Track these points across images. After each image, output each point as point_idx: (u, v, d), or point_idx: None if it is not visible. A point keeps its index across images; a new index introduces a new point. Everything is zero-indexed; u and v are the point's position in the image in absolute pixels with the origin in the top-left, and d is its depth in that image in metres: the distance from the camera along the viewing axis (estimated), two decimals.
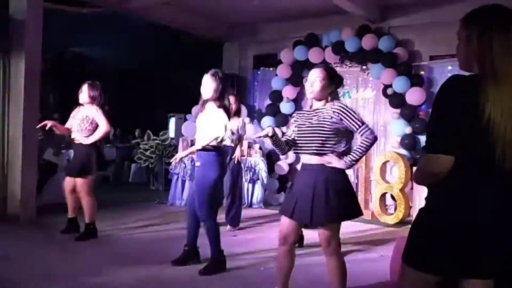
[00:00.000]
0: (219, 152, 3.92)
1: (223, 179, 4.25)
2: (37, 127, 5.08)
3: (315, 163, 2.91)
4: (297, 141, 3.01)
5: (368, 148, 2.90)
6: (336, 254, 2.96)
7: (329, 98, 3.00)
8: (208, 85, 3.87)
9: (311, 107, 3.08)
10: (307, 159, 2.96)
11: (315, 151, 2.90)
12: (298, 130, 3.02)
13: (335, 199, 2.82)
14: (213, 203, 3.94)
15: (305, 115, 3.05)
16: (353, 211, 2.92)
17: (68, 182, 5.01)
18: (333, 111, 2.89)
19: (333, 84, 2.99)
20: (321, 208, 2.82)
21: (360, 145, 2.88)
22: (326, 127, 2.88)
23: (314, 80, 2.96)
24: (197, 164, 3.92)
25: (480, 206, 1.61)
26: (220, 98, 3.89)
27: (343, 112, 2.88)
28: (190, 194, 4.11)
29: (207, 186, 3.84)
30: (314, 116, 2.97)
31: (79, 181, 4.88)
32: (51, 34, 6.21)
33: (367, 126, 2.90)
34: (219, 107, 3.87)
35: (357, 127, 2.87)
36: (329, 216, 2.85)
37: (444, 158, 1.60)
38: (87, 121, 4.83)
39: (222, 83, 3.90)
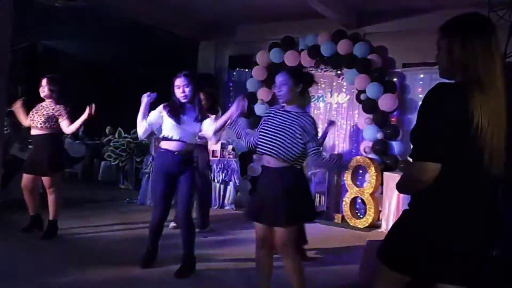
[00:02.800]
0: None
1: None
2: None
3: (273, 166, 2.94)
4: (261, 139, 3.01)
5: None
6: (292, 254, 2.99)
7: (301, 103, 3.08)
8: (185, 87, 3.84)
9: (283, 106, 3.10)
10: (267, 161, 2.99)
11: (276, 154, 2.92)
12: (264, 128, 3.03)
13: (291, 202, 2.87)
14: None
15: (276, 112, 3.07)
16: (309, 215, 2.98)
17: (28, 180, 4.80)
18: (307, 122, 2.94)
19: (300, 84, 3.03)
20: (278, 210, 2.88)
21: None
22: (295, 134, 2.91)
23: (280, 84, 3.02)
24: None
25: (465, 213, 1.63)
26: (196, 98, 3.92)
27: (310, 122, 2.95)
28: (162, 201, 3.95)
29: (192, 186, 3.91)
30: (286, 119, 2.98)
31: (48, 178, 4.73)
32: (23, 25, 6.04)
33: (319, 148, 2.98)
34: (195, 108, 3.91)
35: (315, 143, 2.94)
36: (285, 218, 2.88)
37: (432, 166, 1.61)
38: (52, 119, 4.70)
39: (194, 83, 3.90)
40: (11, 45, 5.76)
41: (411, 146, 1.71)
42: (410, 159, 1.71)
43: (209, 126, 3.83)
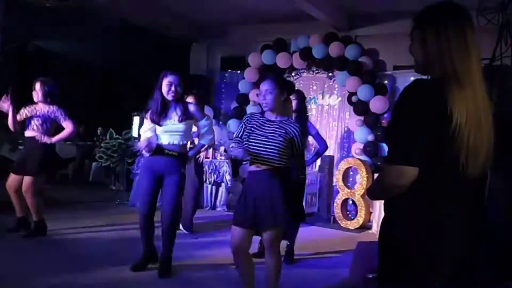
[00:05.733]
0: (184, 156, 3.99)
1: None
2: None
3: (261, 169, 2.99)
4: (250, 149, 3.02)
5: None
6: (277, 253, 3.08)
7: (284, 111, 3.12)
8: (178, 84, 3.82)
9: (262, 113, 3.13)
10: (256, 166, 3.02)
11: (268, 163, 2.97)
12: (250, 137, 3.05)
13: (280, 204, 2.92)
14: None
15: (258, 122, 3.08)
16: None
17: (13, 180, 4.78)
18: (290, 131, 3.00)
19: (284, 92, 3.09)
20: (268, 212, 2.92)
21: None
22: (282, 142, 2.96)
23: (265, 93, 3.04)
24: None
25: (446, 215, 1.54)
26: (183, 97, 3.99)
27: (295, 130, 3.01)
28: (148, 197, 3.93)
29: (179, 189, 3.90)
30: (268, 127, 3.02)
31: (28, 180, 4.68)
32: (13, 25, 6.00)
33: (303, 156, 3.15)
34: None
35: (299, 151, 3.06)
36: (275, 220, 2.93)
37: (410, 170, 1.49)
38: (47, 122, 4.69)
39: (183, 84, 3.91)
40: (1, 46, 5.73)
41: (387, 148, 1.60)
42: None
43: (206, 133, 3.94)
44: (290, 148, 3.01)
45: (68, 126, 4.71)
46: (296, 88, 5.06)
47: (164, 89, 3.80)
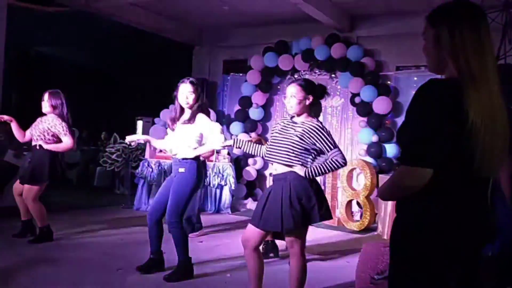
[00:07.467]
0: (199, 161, 3.94)
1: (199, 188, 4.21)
2: None
3: (281, 171, 3.02)
4: (268, 149, 3.12)
5: (334, 169, 3.02)
6: (298, 254, 3.06)
7: (311, 113, 3.10)
8: (190, 93, 3.85)
9: (292, 118, 3.16)
10: (274, 168, 3.09)
11: (281, 162, 3.02)
12: (272, 138, 3.14)
13: (299, 205, 2.92)
14: (185, 210, 3.94)
15: (283, 124, 3.13)
16: (318, 217, 2.98)
17: (17, 186, 4.94)
18: (306, 130, 2.99)
19: (310, 95, 3.06)
20: (288, 214, 2.91)
21: (328, 163, 2.99)
22: (296, 144, 2.98)
23: (289, 96, 3.06)
24: (181, 170, 3.85)
25: (459, 217, 1.51)
26: (201, 106, 3.92)
27: (315, 132, 2.99)
28: (156, 201, 4.00)
29: (187, 193, 3.83)
30: (290, 129, 3.06)
31: (26, 187, 4.76)
32: (15, 32, 6.04)
33: (338, 150, 3.01)
34: (210, 119, 3.93)
35: (328, 149, 2.99)
36: (296, 221, 2.92)
37: (423, 171, 1.47)
38: (47, 133, 4.74)
39: (200, 90, 3.94)
40: (4, 52, 5.76)
41: (401, 149, 1.58)
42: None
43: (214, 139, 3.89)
44: (312, 147, 2.99)
45: (66, 142, 4.77)
46: None
47: (179, 98, 3.90)
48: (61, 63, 11.63)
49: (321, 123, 3.08)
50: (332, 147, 2.99)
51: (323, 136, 2.99)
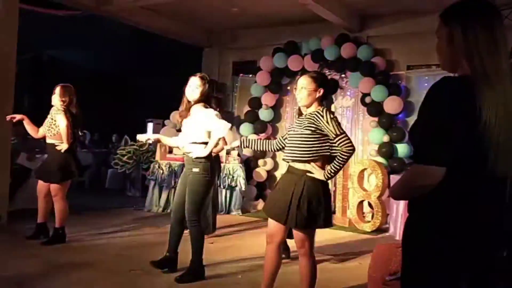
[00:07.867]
0: (211, 158, 3.94)
1: (213, 185, 4.24)
2: (7, 118, 4.92)
3: (298, 167, 2.98)
4: (285, 150, 3.11)
5: (346, 159, 2.92)
6: (307, 255, 3.03)
7: (321, 104, 3.05)
8: (196, 87, 3.86)
9: (300, 115, 3.15)
10: (292, 163, 3.04)
11: (297, 159, 2.97)
12: (287, 141, 3.13)
13: (307, 207, 2.89)
14: (202, 208, 4.00)
15: (295, 124, 3.11)
16: (322, 222, 2.95)
17: (42, 186, 4.92)
18: (312, 119, 2.94)
19: (321, 88, 3.01)
20: (293, 212, 2.89)
21: (338, 158, 2.92)
22: (306, 136, 2.94)
23: (299, 88, 3.03)
24: (195, 170, 3.85)
25: (473, 216, 1.50)
26: (206, 101, 3.92)
27: (318, 118, 2.92)
28: (176, 201, 4.01)
29: (202, 192, 3.87)
30: (300, 123, 3.02)
31: (55, 186, 4.80)
32: (28, 35, 6.11)
33: (345, 135, 2.91)
34: (206, 108, 3.89)
35: (334, 135, 2.89)
36: (299, 221, 2.90)
37: (436, 170, 1.45)
38: (52, 125, 4.79)
39: (208, 87, 3.94)
40: (16, 56, 5.83)
41: (413, 147, 1.56)
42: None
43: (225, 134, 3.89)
44: (323, 133, 2.93)
45: (61, 125, 4.74)
46: None
47: (186, 90, 3.91)
48: (72, 66, 11.74)
49: (328, 109, 2.99)
50: (335, 134, 2.88)
51: (325, 122, 2.89)
